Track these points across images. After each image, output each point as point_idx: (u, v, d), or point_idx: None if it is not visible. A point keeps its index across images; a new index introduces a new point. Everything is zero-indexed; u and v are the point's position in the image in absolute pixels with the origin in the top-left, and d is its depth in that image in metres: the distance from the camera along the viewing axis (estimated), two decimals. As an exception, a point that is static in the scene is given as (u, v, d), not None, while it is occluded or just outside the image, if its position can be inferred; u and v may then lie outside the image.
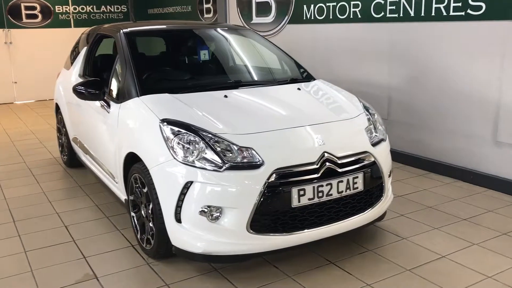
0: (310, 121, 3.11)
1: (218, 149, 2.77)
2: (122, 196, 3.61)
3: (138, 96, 3.33)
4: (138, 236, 3.33)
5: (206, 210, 2.74)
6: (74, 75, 4.70)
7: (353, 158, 3.02)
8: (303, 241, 2.90)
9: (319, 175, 2.86)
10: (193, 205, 2.76)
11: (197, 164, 2.76)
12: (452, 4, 4.53)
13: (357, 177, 3.00)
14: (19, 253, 3.36)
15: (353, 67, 5.69)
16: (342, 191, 2.95)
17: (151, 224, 3.09)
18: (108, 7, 10.89)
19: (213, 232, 2.77)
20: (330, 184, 2.89)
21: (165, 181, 2.86)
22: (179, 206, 2.80)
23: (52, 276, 3.05)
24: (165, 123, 2.94)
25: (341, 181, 2.93)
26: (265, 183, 2.73)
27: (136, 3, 11.14)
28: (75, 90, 3.63)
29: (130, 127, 3.27)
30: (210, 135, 2.83)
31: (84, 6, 10.60)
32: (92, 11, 10.71)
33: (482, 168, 4.52)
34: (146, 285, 2.92)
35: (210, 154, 2.76)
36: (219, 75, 4.10)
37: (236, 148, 2.78)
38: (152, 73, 3.67)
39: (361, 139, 3.17)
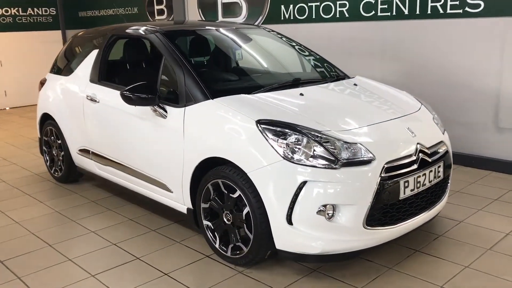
0: (396, 114, 3.19)
1: (329, 146, 2.74)
2: (181, 206, 3.41)
3: (208, 99, 3.16)
4: (217, 245, 3.17)
5: (323, 209, 2.69)
6: (81, 80, 4.31)
7: (436, 148, 3.15)
8: (403, 232, 2.97)
9: (417, 166, 2.94)
10: (309, 205, 2.70)
11: (310, 163, 2.70)
12: (449, 3, 4.87)
13: (439, 166, 3.14)
14: (87, 277, 3.03)
15: (344, 65, 5.86)
16: (431, 180, 3.06)
17: (246, 231, 2.95)
18: (35, 9, 10.04)
19: (329, 231, 2.73)
20: (425, 174, 2.99)
21: (273, 184, 2.76)
22: (291, 208, 2.72)
23: (147, 297, 2.81)
24: (264, 124, 2.84)
25: (431, 171, 3.05)
26: (379, 178, 2.75)
27: (65, 5, 10.40)
28: (124, 96, 3.34)
29: (207, 131, 3.10)
30: (316, 133, 2.79)
31: (8, 9, 9.67)
32: (17, 14, 9.80)
33: (485, 153, 4.92)
34: (258, 293, 2.79)
35: (321, 152, 2.72)
36: (276, 75, 4.01)
37: (344, 145, 2.77)
38: (211, 74, 3.50)
39: (435, 129, 3.32)
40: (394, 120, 3.12)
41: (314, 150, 2.73)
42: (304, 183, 2.68)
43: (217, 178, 3.06)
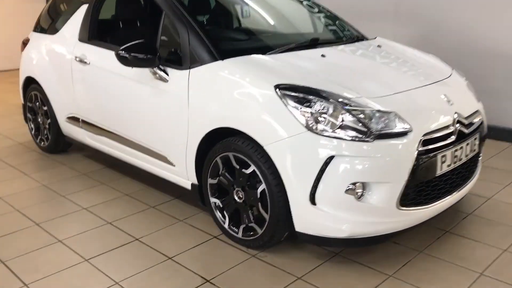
0: (429, 79, 2.83)
1: (360, 116, 2.37)
2: (185, 181, 3.05)
3: (217, 60, 2.76)
4: (226, 225, 2.83)
5: (352, 188, 2.35)
6: (69, 40, 3.85)
7: (473, 118, 2.80)
8: (438, 212, 2.65)
9: (455, 138, 2.60)
10: (336, 183, 2.35)
11: (340, 134, 2.33)
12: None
13: (476, 138, 2.80)
14: (80, 262, 2.68)
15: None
16: (467, 155, 2.73)
17: (261, 210, 2.61)
18: (16, -34, 9.34)
19: (359, 212, 2.40)
20: (462, 147, 2.65)
21: (294, 159, 2.40)
22: (314, 186, 2.37)
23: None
24: (284, 90, 2.46)
25: (468, 144, 2.71)
26: (417, 152, 2.40)
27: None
28: (120, 56, 2.92)
29: (216, 98, 2.71)
30: (345, 100, 2.41)
31: (-14, -35, 8.99)
32: (-3, -29, 9.12)
33: (505, 123, 4.60)
34: (277, 283, 2.46)
35: (351, 122, 2.35)
36: (289, 34, 3.59)
37: (377, 114, 2.40)
38: (219, 32, 3.08)
39: (470, 97, 2.97)
40: (428, 86, 2.76)
41: (342, 120, 2.36)
42: (331, 158, 2.33)
43: (227, 151, 2.69)
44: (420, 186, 2.50)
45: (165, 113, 2.99)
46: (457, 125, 2.63)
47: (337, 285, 2.42)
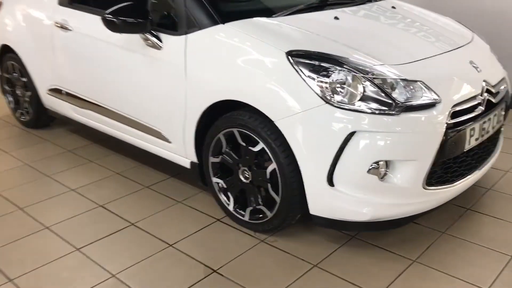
0: (452, 45, 2.56)
1: (383, 85, 2.11)
2: (183, 159, 2.78)
3: (218, 24, 2.45)
4: (230, 208, 2.58)
5: (376, 167, 2.10)
6: (48, 3, 3.48)
7: (500, 86, 2.56)
8: (462, 190, 2.43)
9: (483, 108, 2.36)
10: (358, 162, 2.11)
11: (361, 107, 2.07)
12: None
13: (502, 107, 2.57)
14: (71, 252, 2.42)
15: None
16: (494, 126, 2.49)
17: (271, 192, 2.36)
18: None
19: (382, 193, 2.16)
20: (490, 118, 2.41)
21: (309, 135, 2.14)
22: (333, 166, 2.12)
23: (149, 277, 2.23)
24: (297, 57, 2.17)
25: (495, 114, 2.47)
26: (446, 125, 2.15)
27: None
28: (107, 21, 2.59)
29: (218, 67, 2.41)
30: (366, 68, 2.14)
31: None
32: None
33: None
34: (291, 272, 2.23)
35: (374, 93, 2.09)
36: None
37: (402, 83, 2.13)
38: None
39: (495, 63, 2.72)
40: (452, 52, 2.49)
41: (364, 91, 2.09)
42: (352, 134, 2.07)
43: (232, 127, 2.42)
44: (447, 163, 2.27)
45: (159, 84, 2.69)
46: (486, 94, 2.38)
47: (357, 274, 2.20)
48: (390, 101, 2.07)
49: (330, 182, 2.16)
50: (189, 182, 3.05)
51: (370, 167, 2.10)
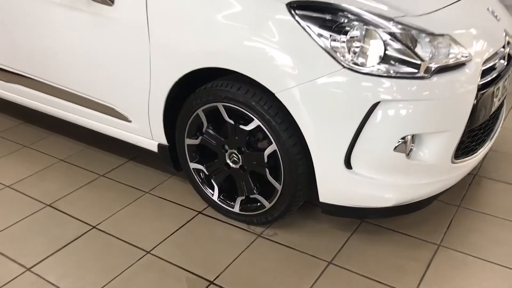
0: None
1: (409, 43, 1.71)
2: (147, 141, 2.29)
3: (188, -30, 1.91)
4: (215, 198, 2.15)
5: (403, 143, 1.74)
6: None
7: (514, 37, 2.25)
8: (479, 161, 2.14)
9: (505, 63, 2.04)
10: (384, 138, 1.73)
11: (386, 71, 1.67)
12: None
13: (516, 61, 2.27)
14: (22, 273, 1.89)
15: None
16: (510, 82, 2.20)
17: (270, 178, 1.95)
18: None
19: (409, 173, 1.81)
20: (509, 75, 2.11)
21: (322, 109, 1.72)
22: (352, 145, 1.73)
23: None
24: (302, 10, 1.71)
25: (512, 70, 2.17)
26: (477, 87, 1.82)
27: None
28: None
29: (194, 25, 1.89)
30: (387, 22, 1.72)
31: None
32: None
33: None
34: (305, 273, 1.86)
35: (399, 53, 1.68)
36: None
37: (430, 39, 1.74)
38: None
39: (504, 9, 2.39)
40: (469, -2, 2.13)
41: (386, 50, 1.68)
42: (375, 105, 1.67)
43: (215, 101, 1.94)
44: (474, 130, 1.95)
45: (113, 50, 2.13)
46: (507, 46, 2.06)
47: (381, 269, 1.87)
48: (418, 62, 1.68)
49: (348, 164, 1.77)
50: (154, 166, 2.56)
51: (397, 144, 1.73)
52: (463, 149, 1.94)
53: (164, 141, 2.22)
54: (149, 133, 2.25)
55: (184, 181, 2.40)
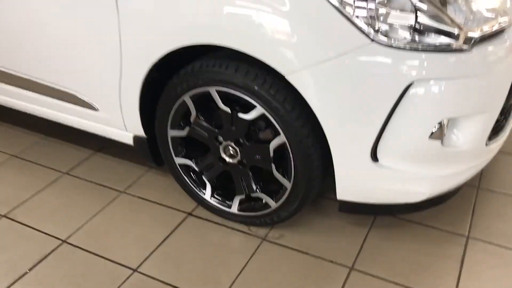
0: None
1: (443, 8, 1.40)
2: (120, 132, 1.92)
3: None
4: (206, 197, 1.83)
5: (439, 129, 1.47)
6: None
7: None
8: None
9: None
10: (418, 124, 1.44)
11: (419, 43, 1.36)
12: None
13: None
14: None
15: None
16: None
17: (277, 175, 1.64)
18: None
19: (443, 162, 1.55)
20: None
21: (346, 92, 1.41)
22: (380, 134, 1.44)
23: None
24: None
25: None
26: (515, 58, 1.55)
27: None
28: None
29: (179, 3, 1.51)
30: (416, -17, 1.40)
31: None
32: None
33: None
34: (327, 284, 1.59)
35: (433, 21, 1.38)
36: None
37: (461, 1, 1.45)
38: None
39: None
40: None
41: (417, 17, 1.37)
42: (408, 86, 1.38)
43: (206, 85, 1.59)
44: (506, 108, 1.70)
45: (72, 22, 1.72)
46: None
47: (410, 271, 1.63)
48: (456, 31, 1.38)
49: (374, 156, 1.49)
50: (126, 158, 2.19)
51: (434, 130, 1.45)
52: (494, 129, 1.69)
53: (141, 133, 1.87)
54: (121, 124, 1.88)
55: (165, 175, 2.06)
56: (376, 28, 1.34)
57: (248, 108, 1.57)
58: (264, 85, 1.49)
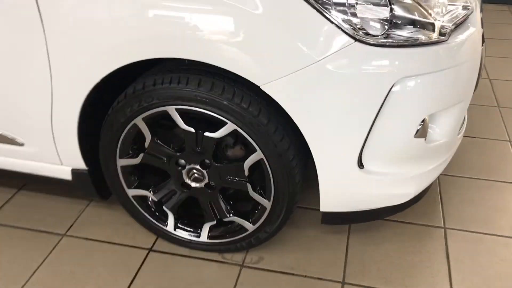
0: None
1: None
2: (57, 168, 1.65)
3: None
4: (170, 228, 1.63)
5: (422, 126, 1.40)
6: None
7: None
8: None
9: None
10: (403, 123, 1.35)
11: (398, 37, 1.27)
12: None
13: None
14: None
15: None
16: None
17: (254, 195, 1.48)
18: None
19: (426, 159, 1.49)
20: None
21: (331, 99, 1.27)
22: (365, 139, 1.34)
23: None
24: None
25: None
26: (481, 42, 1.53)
27: None
28: None
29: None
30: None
31: None
32: None
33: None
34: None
35: (408, 12, 1.29)
36: None
37: (427, -10, 1.38)
38: None
39: None
40: None
41: (392, 10, 1.27)
42: (391, 86, 1.28)
43: (163, 105, 1.37)
44: (469, 93, 1.68)
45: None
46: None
47: (404, 275, 1.55)
48: (431, 21, 1.31)
49: (360, 163, 1.38)
50: (57, 193, 1.89)
51: (418, 128, 1.37)
52: (461, 116, 1.66)
53: (81, 165, 1.59)
54: (54, 157, 1.60)
55: (109, 207, 1.81)
56: (358, 26, 1.22)
57: (215, 125, 1.38)
58: (234, 98, 1.31)
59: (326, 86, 1.24)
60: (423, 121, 1.38)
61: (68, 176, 1.63)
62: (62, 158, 1.59)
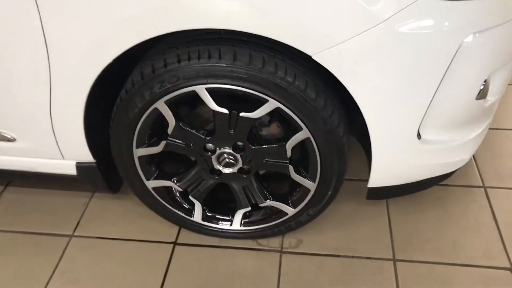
0: None
1: None
2: (60, 163, 1.42)
3: None
4: (198, 218, 1.46)
5: (484, 85, 1.26)
6: None
7: None
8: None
9: None
10: (467, 86, 1.21)
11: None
12: None
13: None
14: None
15: None
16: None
17: (296, 176, 1.31)
18: None
19: (481, 120, 1.37)
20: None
21: (392, 64, 1.10)
22: (427, 106, 1.19)
23: None
24: None
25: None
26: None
27: None
28: None
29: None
30: None
31: None
32: None
33: None
34: (379, 280, 1.36)
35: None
36: None
37: None
38: None
39: None
40: None
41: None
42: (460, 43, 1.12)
43: (191, 85, 1.16)
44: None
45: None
46: None
47: (451, 248, 1.45)
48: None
49: (418, 133, 1.23)
50: (51, 187, 1.66)
51: (481, 88, 1.23)
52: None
53: (87, 158, 1.37)
54: (55, 152, 1.37)
55: (114, 197, 1.60)
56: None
57: (251, 104, 1.18)
58: (277, 72, 1.11)
59: (390, 49, 1.07)
60: (485, 81, 1.23)
61: (72, 171, 1.41)
62: (64, 153, 1.36)
